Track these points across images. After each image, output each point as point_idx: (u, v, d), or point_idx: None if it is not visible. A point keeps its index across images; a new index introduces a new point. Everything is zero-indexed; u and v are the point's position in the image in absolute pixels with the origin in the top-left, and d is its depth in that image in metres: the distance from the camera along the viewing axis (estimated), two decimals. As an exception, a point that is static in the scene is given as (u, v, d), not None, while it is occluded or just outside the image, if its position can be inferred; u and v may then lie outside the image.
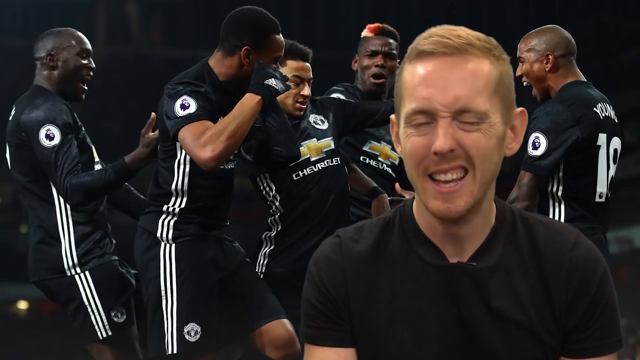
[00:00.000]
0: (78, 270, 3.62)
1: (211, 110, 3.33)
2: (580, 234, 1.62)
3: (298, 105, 3.78)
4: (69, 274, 3.62)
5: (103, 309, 3.62)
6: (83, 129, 3.72)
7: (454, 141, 1.50)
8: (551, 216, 3.60)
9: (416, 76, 1.53)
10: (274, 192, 3.75)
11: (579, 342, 1.59)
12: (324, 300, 1.63)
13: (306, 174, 3.73)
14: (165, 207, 3.48)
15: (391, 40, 4.14)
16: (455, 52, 1.51)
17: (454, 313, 1.58)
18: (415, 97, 1.52)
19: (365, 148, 4.11)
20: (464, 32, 1.54)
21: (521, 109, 1.60)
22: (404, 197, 3.80)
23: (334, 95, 4.03)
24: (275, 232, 3.75)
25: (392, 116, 1.63)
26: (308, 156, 3.74)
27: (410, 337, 1.60)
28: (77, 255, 3.62)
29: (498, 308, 1.57)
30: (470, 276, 1.58)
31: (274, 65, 3.46)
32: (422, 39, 1.55)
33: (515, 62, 3.75)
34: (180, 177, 3.46)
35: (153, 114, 3.56)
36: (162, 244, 3.45)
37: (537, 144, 3.52)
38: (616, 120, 3.71)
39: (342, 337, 1.64)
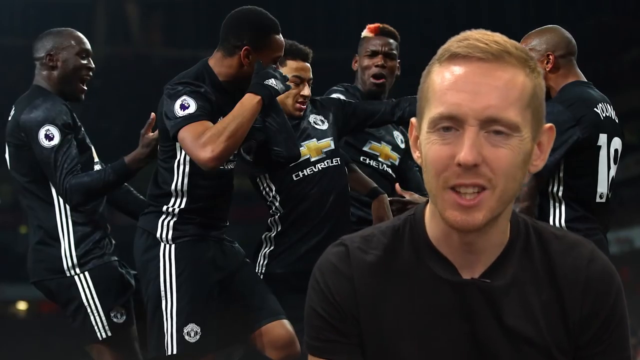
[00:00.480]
0: (78, 270, 3.61)
1: (211, 110, 3.32)
2: (595, 247, 1.58)
3: (298, 105, 3.77)
4: (68, 274, 3.61)
5: (102, 310, 3.61)
6: (82, 129, 3.71)
7: (480, 155, 1.43)
8: (552, 217, 3.59)
9: (446, 79, 1.45)
10: (274, 192, 3.74)
11: (591, 358, 1.56)
12: (332, 311, 1.57)
13: (306, 174, 3.72)
14: (164, 208, 3.47)
15: (391, 41, 4.13)
16: (491, 58, 1.44)
17: (465, 329, 1.54)
18: (444, 101, 1.45)
19: (365, 148, 4.10)
20: (500, 38, 1.47)
21: (550, 124, 1.53)
22: (404, 197, 3.79)
23: (334, 96, 4.02)
24: (275, 233, 3.74)
25: (413, 119, 1.55)
26: (308, 156, 3.73)
27: (419, 353, 1.55)
28: (76, 255, 3.62)
29: (511, 326, 1.54)
30: (484, 293, 1.53)
31: (273, 66, 3.45)
32: (456, 41, 1.48)
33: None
34: (179, 178, 3.45)
35: (153, 114, 3.56)
36: (162, 245, 3.44)
37: None
38: (617, 121, 3.70)
39: (351, 351, 1.58)
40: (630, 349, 1.60)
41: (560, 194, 3.59)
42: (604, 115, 3.61)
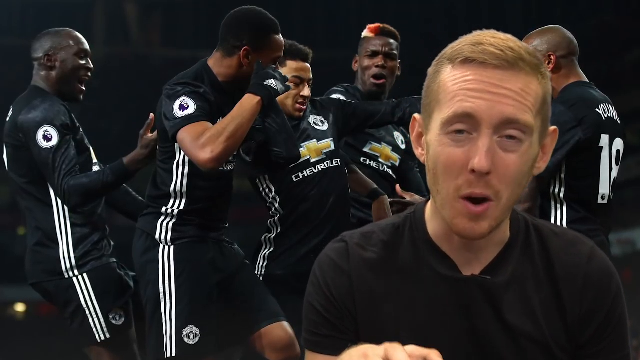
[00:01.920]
0: (76, 272, 3.60)
1: (210, 111, 3.31)
2: (594, 245, 1.59)
3: (298, 106, 3.76)
4: (66, 276, 3.60)
5: (101, 312, 3.60)
6: (81, 129, 3.70)
7: (492, 163, 1.43)
8: (553, 218, 3.58)
9: (460, 82, 1.46)
10: (273, 193, 3.73)
11: (591, 357, 1.57)
12: (329, 307, 1.59)
13: (306, 175, 3.71)
14: (164, 209, 3.45)
15: (392, 41, 4.12)
16: (505, 65, 1.45)
17: (465, 326, 1.55)
18: (459, 102, 1.45)
19: (365, 149, 4.09)
20: (514, 44, 1.48)
21: (554, 127, 1.55)
22: (405, 198, 3.78)
23: (334, 96, 4.01)
24: (275, 234, 3.73)
25: (417, 115, 1.56)
26: (308, 157, 3.72)
27: None
28: (75, 257, 3.60)
29: (511, 322, 1.54)
30: (484, 290, 1.54)
31: (273, 66, 3.43)
32: (469, 44, 1.47)
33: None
34: (179, 179, 3.43)
35: (152, 114, 3.54)
36: (161, 246, 3.42)
37: None
38: (618, 121, 3.69)
39: (345, 347, 1.58)
40: (629, 348, 1.60)
41: (561, 195, 3.58)
42: (605, 115, 3.60)
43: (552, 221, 3.56)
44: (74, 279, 3.60)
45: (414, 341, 1.47)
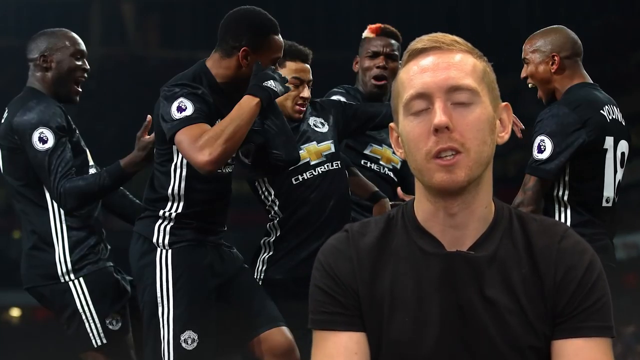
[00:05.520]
0: (72, 276, 3.57)
1: (208, 112, 3.28)
2: (569, 228, 1.77)
3: (297, 107, 3.73)
4: (62, 280, 3.57)
5: (98, 317, 3.58)
6: (77, 131, 3.68)
7: (450, 120, 1.66)
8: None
9: (411, 70, 1.71)
10: (272, 196, 3.70)
11: (566, 322, 1.70)
12: (333, 285, 1.74)
13: (306, 177, 3.68)
14: (161, 212, 3.42)
15: (393, 41, 4.10)
16: (444, 46, 1.72)
17: (452, 299, 1.70)
18: (412, 85, 1.70)
19: (366, 151, 4.07)
20: (450, 35, 1.75)
21: (505, 103, 1.77)
22: (406, 201, 3.74)
23: (334, 98, 3.99)
24: (274, 238, 3.70)
25: (392, 124, 1.77)
26: (308, 160, 3.69)
27: (411, 323, 1.71)
28: (71, 261, 3.58)
29: (491, 296, 1.70)
30: (468, 264, 1.70)
31: (272, 67, 3.40)
32: (413, 43, 1.75)
33: (520, 62, 3.69)
34: (176, 181, 3.40)
35: (149, 116, 3.52)
36: (159, 250, 3.40)
37: (542, 147, 3.47)
38: (623, 123, 3.67)
39: (352, 322, 1.74)
40: (611, 322, 1.73)
41: (565, 198, 3.56)
42: (610, 117, 3.58)
43: (556, 224, 3.53)
44: (70, 283, 3.57)
45: (408, 315, 1.73)
